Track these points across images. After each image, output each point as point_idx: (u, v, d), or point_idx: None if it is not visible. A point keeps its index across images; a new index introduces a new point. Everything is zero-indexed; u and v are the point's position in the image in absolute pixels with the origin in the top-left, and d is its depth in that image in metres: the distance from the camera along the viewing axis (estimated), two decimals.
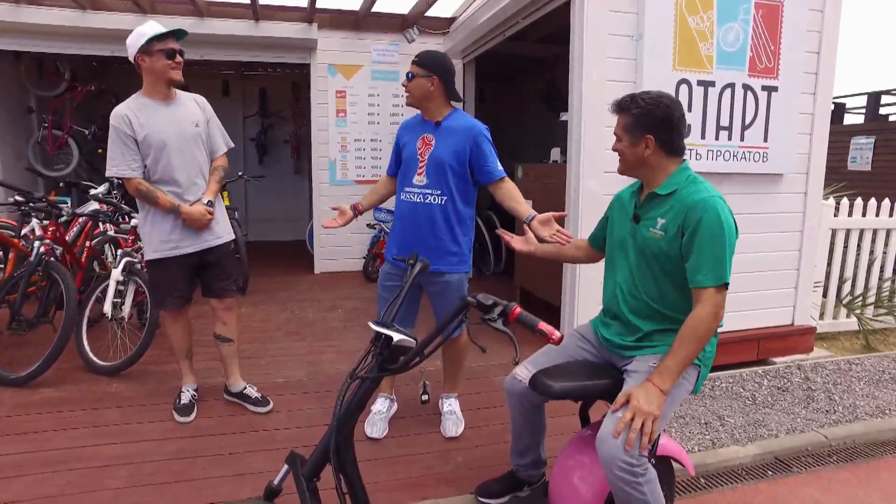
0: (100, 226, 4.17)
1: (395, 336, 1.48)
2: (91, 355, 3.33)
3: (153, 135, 2.62)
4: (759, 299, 4.00)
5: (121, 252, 3.48)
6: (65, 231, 4.09)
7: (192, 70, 2.73)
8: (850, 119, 11.02)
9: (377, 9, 5.58)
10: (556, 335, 1.36)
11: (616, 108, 1.91)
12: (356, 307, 4.94)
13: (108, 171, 2.65)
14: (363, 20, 5.79)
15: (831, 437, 2.99)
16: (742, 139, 3.76)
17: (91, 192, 4.37)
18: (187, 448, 2.59)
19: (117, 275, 3.35)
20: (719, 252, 1.72)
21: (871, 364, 4.01)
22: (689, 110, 3.58)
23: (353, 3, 5.62)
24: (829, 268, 4.71)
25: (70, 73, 6.28)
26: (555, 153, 4.59)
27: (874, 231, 4.79)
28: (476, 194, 2.66)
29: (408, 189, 2.58)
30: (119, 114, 2.60)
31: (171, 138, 2.66)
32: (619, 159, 1.95)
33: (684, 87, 3.58)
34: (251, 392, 3.01)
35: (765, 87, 3.76)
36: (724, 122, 3.71)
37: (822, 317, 4.73)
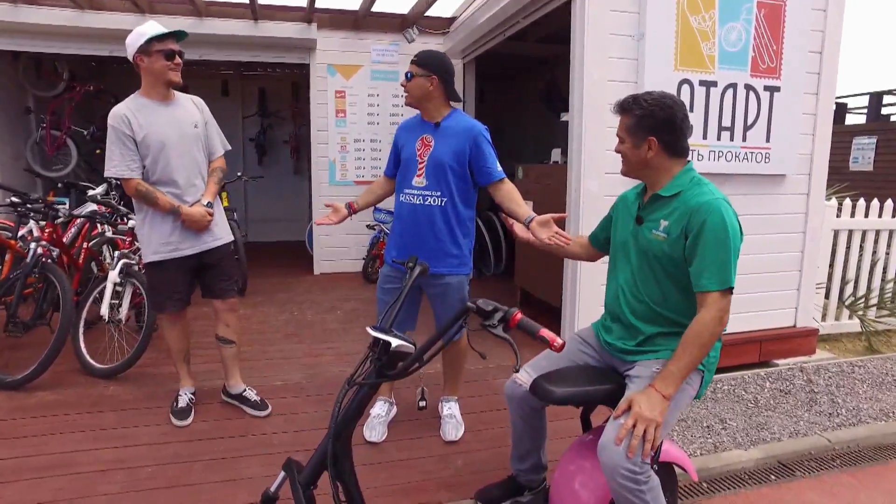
0: (98, 227, 4.14)
1: (394, 341, 1.45)
2: (88, 358, 3.31)
3: (152, 135, 2.60)
4: (762, 301, 3.98)
5: (118, 254, 3.45)
6: (63, 232, 4.06)
7: (192, 70, 2.70)
8: (851, 119, 11.00)
9: (377, 8, 5.55)
10: (557, 342, 1.33)
11: (618, 109, 1.89)
12: (355, 308, 4.91)
13: (107, 172, 2.62)
14: (363, 20, 5.77)
15: (835, 441, 2.96)
16: (744, 140, 3.74)
17: (89, 194, 4.35)
18: (184, 452, 2.57)
19: (114, 277, 3.33)
20: (724, 255, 1.69)
21: (875, 366, 3.98)
22: (691, 111, 3.55)
23: (353, 2, 5.60)
24: (832, 269, 4.68)
25: (68, 73, 6.26)
26: (555, 154, 4.57)
27: (877, 232, 4.77)
28: (476, 195, 2.63)
29: (407, 191, 2.55)
30: (118, 114, 2.57)
31: (171, 139, 2.64)
32: (622, 161, 1.92)
33: (686, 88, 3.56)
34: (250, 395, 2.98)
35: (767, 88, 3.73)
36: (726, 122, 3.68)
37: (825, 318, 4.71)
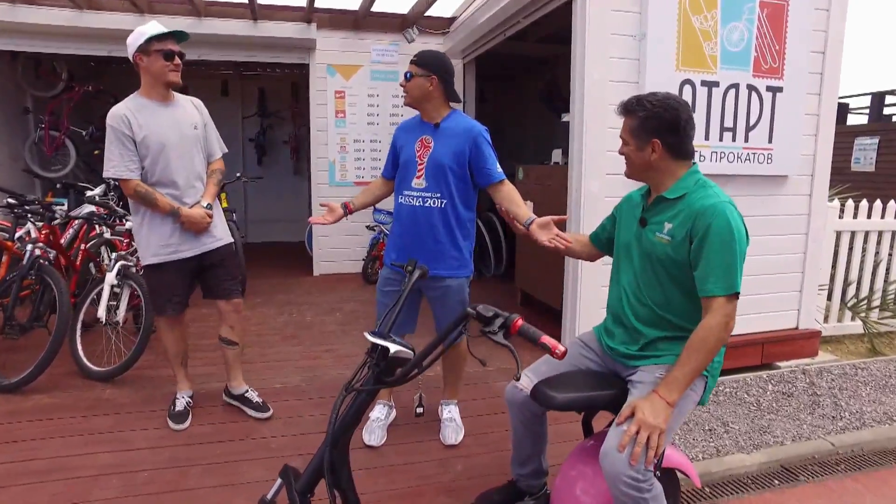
0: (96, 228, 4.12)
1: (392, 347, 1.42)
2: (85, 360, 3.28)
3: (152, 136, 2.57)
4: (764, 302, 3.95)
5: (115, 255, 3.43)
6: (61, 233, 4.04)
7: (191, 70, 2.68)
8: (853, 119, 10.95)
9: (376, 8, 5.53)
10: (559, 349, 1.30)
11: (622, 110, 1.85)
12: (355, 310, 4.88)
13: (106, 173, 2.59)
14: (362, 20, 5.74)
15: (838, 445, 2.93)
16: (746, 140, 3.71)
17: (87, 195, 4.32)
18: (181, 456, 2.54)
19: (111, 279, 3.30)
20: (730, 260, 1.66)
21: (878, 368, 3.95)
22: (693, 111, 3.51)
23: (353, 2, 5.57)
24: (834, 270, 4.65)
25: (67, 73, 6.23)
26: (556, 154, 4.54)
27: (879, 233, 4.73)
28: (476, 197, 2.60)
29: (406, 192, 2.52)
30: (117, 114, 2.54)
31: (171, 140, 2.61)
32: (626, 163, 1.89)
33: (688, 88, 3.53)
34: (252, 396, 2.96)
35: (769, 88, 3.70)
36: (728, 123, 3.65)
37: (827, 320, 4.68)
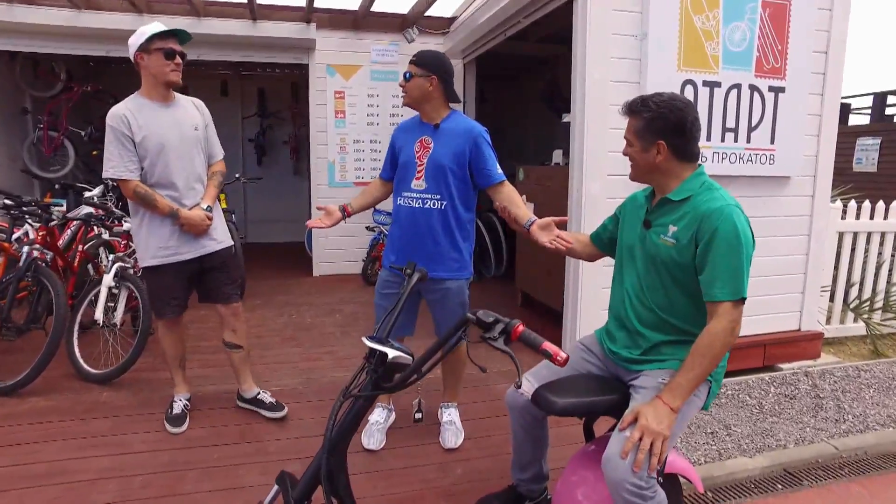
0: (94, 229, 4.10)
1: (391, 353, 1.40)
2: (82, 363, 3.26)
3: (152, 137, 2.55)
4: (766, 304, 3.91)
5: (112, 257, 3.41)
6: (59, 234, 4.01)
7: (190, 70, 2.65)
8: (855, 120, 10.91)
9: (376, 8, 5.50)
10: (561, 356, 1.27)
11: (626, 110, 1.82)
12: (355, 311, 4.86)
13: (105, 173, 2.57)
14: (362, 20, 5.72)
15: (842, 449, 2.91)
16: (748, 141, 3.68)
17: (85, 195, 4.30)
18: (178, 460, 2.52)
19: (109, 280, 3.28)
20: (736, 264, 1.63)
21: (881, 371, 3.92)
22: None
23: (352, 2, 5.55)
24: (836, 271, 4.63)
25: (66, 73, 6.21)
26: (557, 155, 4.51)
27: (882, 234, 4.70)
28: (476, 198, 2.58)
29: (406, 194, 2.49)
30: (117, 114, 2.52)
31: (171, 141, 2.59)
32: (631, 164, 1.86)
33: (689, 88, 3.50)
34: (265, 398, 2.95)
35: (772, 88, 3.67)
36: (730, 123, 3.62)
37: (829, 321, 4.65)
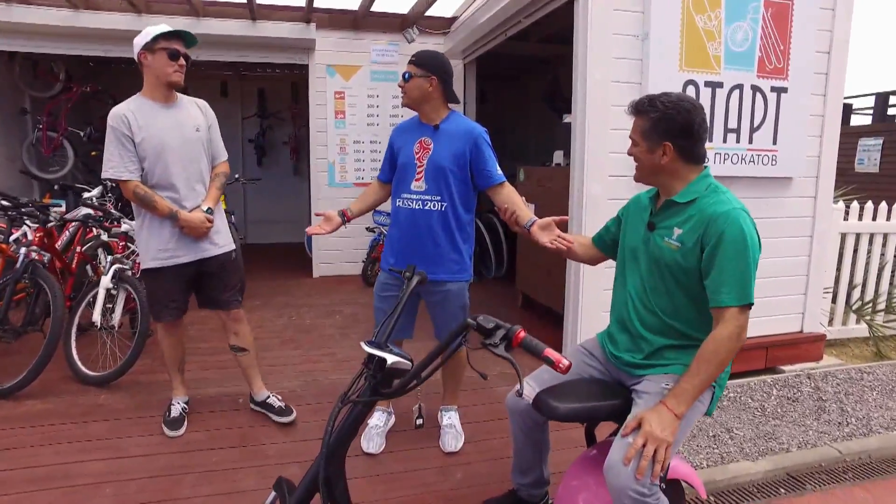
0: (92, 230, 4.07)
1: (390, 358, 1.37)
2: (80, 365, 3.23)
3: (152, 137, 2.53)
4: (768, 306, 3.88)
5: (110, 259, 3.39)
6: (58, 235, 3.99)
7: (190, 71, 2.64)
8: (857, 120, 10.86)
9: (376, 8, 5.48)
10: (563, 363, 1.24)
11: (633, 110, 1.79)
12: (355, 313, 4.84)
13: (105, 174, 2.54)
14: (362, 20, 5.70)
15: (845, 452, 2.88)
16: (750, 142, 3.65)
17: (84, 196, 4.28)
18: (176, 464, 2.49)
19: (107, 282, 3.26)
20: (743, 269, 1.60)
21: (884, 373, 3.90)
22: None
23: (352, 2, 5.53)
24: (839, 273, 4.60)
25: (65, 73, 6.20)
26: (557, 156, 4.49)
27: (885, 235, 4.68)
28: (476, 199, 2.56)
29: (405, 195, 2.47)
30: (117, 114, 2.51)
31: (171, 142, 2.57)
32: (636, 165, 1.83)
33: (691, 88, 3.47)
34: (274, 402, 2.93)
35: (774, 89, 3.65)
36: (732, 124, 3.60)
37: (831, 323, 4.62)
